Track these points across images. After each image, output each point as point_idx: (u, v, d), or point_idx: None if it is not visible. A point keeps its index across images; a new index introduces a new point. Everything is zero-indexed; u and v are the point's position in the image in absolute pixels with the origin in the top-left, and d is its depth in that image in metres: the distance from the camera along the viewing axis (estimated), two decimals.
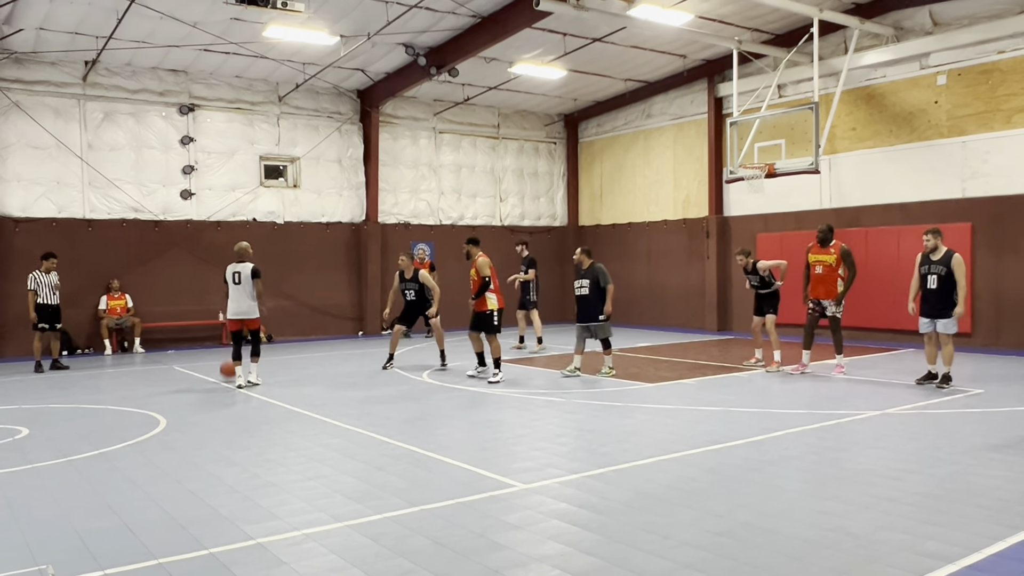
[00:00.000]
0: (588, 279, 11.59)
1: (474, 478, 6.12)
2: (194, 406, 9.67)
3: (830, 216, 16.67)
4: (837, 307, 11.28)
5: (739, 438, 7.37)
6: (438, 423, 8.47)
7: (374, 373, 12.49)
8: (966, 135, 14.58)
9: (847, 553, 4.42)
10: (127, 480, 6.22)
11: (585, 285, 11.60)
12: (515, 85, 19.40)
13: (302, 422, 8.52)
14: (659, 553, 4.46)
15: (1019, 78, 13.87)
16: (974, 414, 8.40)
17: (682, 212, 19.97)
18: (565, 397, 9.83)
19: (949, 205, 14.82)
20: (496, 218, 21.81)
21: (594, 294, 11.53)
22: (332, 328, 19.18)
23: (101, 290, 16.27)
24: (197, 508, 5.45)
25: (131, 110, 16.72)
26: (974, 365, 12.31)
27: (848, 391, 10.08)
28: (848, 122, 16.35)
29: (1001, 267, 14.08)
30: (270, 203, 18.40)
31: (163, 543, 4.73)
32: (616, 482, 5.95)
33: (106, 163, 16.44)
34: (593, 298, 11.53)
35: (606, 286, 11.52)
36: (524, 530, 4.89)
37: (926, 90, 15.14)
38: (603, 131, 22.14)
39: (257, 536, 4.83)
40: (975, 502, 5.30)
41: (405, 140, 20.24)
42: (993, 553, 4.38)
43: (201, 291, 17.42)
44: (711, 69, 18.59)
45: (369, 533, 4.87)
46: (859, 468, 6.24)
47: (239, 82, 17.85)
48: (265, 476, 6.28)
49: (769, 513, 5.15)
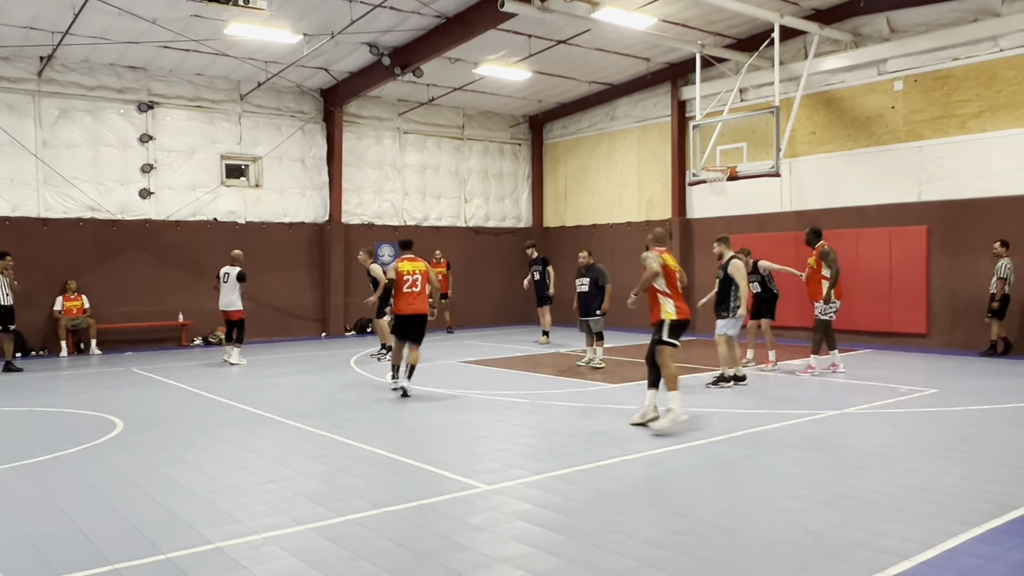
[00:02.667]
0: (588, 277, 12.81)
1: (437, 480, 6.09)
2: (152, 409, 9.50)
3: (790, 219, 16.92)
4: (823, 308, 11.35)
5: (701, 438, 7.43)
6: (401, 425, 8.42)
7: (337, 374, 12.38)
8: (922, 140, 14.89)
9: (806, 550, 4.48)
10: (82, 484, 6.09)
11: (586, 283, 12.81)
12: (480, 86, 19.39)
13: (263, 424, 8.41)
14: (621, 552, 4.47)
15: (972, 85, 14.20)
16: (929, 413, 8.57)
17: (646, 214, 20.11)
18: (529, 398, 9.84)
19: (905, 208, 15.12)
20: (461, 219, 21.77)
21: (593, 291, 12.70)
22: (295, 329, 18.99)
23: (57, 290, 15.93)
24: (154, 512, 5.35)
25: (88, 107, 16.40)
26: (929, 365, 12.56)
27: (807, 391, 10.23)
28: (808, 126, 16.61)
29: (955, 269, 14.39)
30: (231, 203, 18.16)
31: (119, 548, 4.63)
32: (579, 482, 5.96)
33: (62, 161, 16.10)
34: (591, 295, 12.69)
35: (605, 285, 12.67)
36: (487, 531, 4.88)
37: (883, 96, 15.43)
38: (568, 133, 22.22)
39: (216, 540, 4.76)
40: (930, 499, 5.41)
41: (369, 140, 20.12)
42: (947, 549, 4.47)
43: (160, 292, 17.14)
44: (674, 72, 18.76)
45: (330, 536, 4.82)
46: (818, 466, 6.33)
47: (200, 80, 17.60)
48: (225, 479, 6.19)
49: (729, 511, 5.20)
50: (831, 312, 11.39)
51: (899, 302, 15.10)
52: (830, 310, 11.37)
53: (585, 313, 12.81)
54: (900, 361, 13.04)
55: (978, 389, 10.10)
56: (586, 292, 12.78)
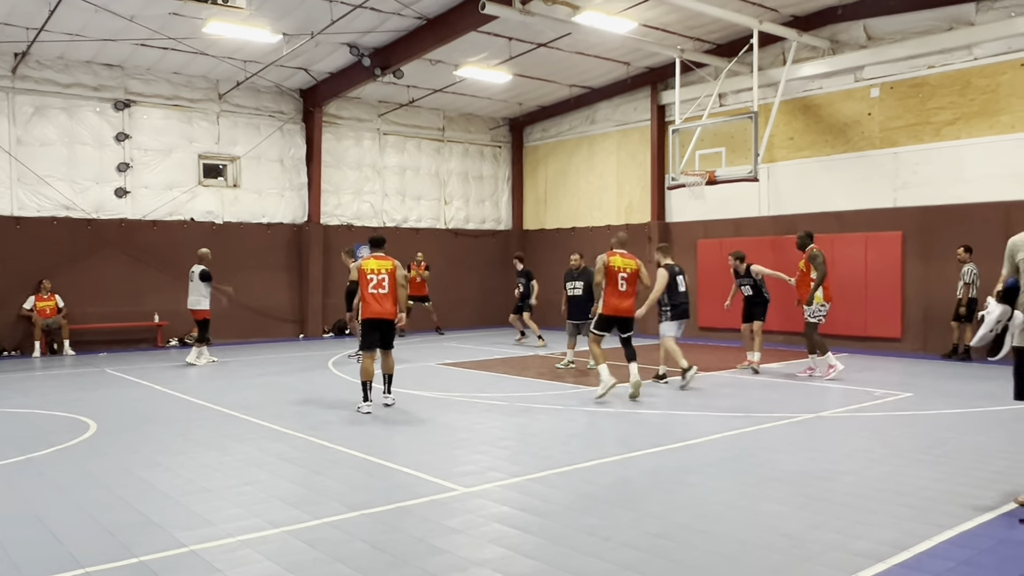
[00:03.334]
0: (582, 281, 12.88)
1: (414, 482, 6.07)
2: (126, 410, 9.40)
3: (768, 223, 17.05)
4: (811, 310, 11.43)
5: (678, 440, 7.46)
6: (379, 427, 8.37)
7: (315, 376, 12.31)
8: (898, 147, 15.07)
9: (781, 553, 4.51)
10: (54, 486, 6.01)
11: (579, 287, 12.94)
12: (461, 88, 19.38)
13: (239, 426, 8.34)
14: (599, 555, 4.48)
15: (947, 92, 14.39)
16: (904, 417, 8.66)
17: (625, 217, 20.18)
18: (508, 401, 9.83)
19: (881, 214, 15.29)
20: (441, 221, 21.73)
21: (586, 295, 12.64)
22: (272, 331, 18.86)
23: (30, 290, 15.71)
24: (127, 515, 5.29)
25: (63, 105, 16.20)
26: (904, 369, 12.70)
27: (783, 394, 10.30)
28: (786, 132, 16.75)
29: (929, 274, 14.56)
30: (209, 203, 18.01)
31: (91, 551, 4.57)
32: (557, 485, 5.96)
33: (36, 159, 15.89)
34: (584, 298, 12.66)
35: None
36: (464, 534, 4.87)
37: (860, 102, 15.59)
38: (548, 136, 22.26)
39: (190, 543, 4.70)
40: (904, 502, 5.46)
41: (349, 141, 20.04)
42: (921, 552, 4.51)
43: (135, 292, 16.97)
44: (654, 77, 18.85)
45: (306, 539, 4.79)
46: (794, 469, 6.37)
47: (178, 78, 17.45)
48: (199, 481, 6.12)
49: (706, 514, 5.22)
50: (820, 315, 11.45)
51: (874, 307, 15.26)
52: (819, 313, 11.43)
53: (579, 316, 12.84)
54: (875, 365, 13.17)
55: (952, 393, 10.22)
56: (579, 296, 12.88)
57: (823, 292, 11.37)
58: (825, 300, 11.43)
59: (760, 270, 12.23)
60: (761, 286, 12.27)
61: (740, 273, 12.40)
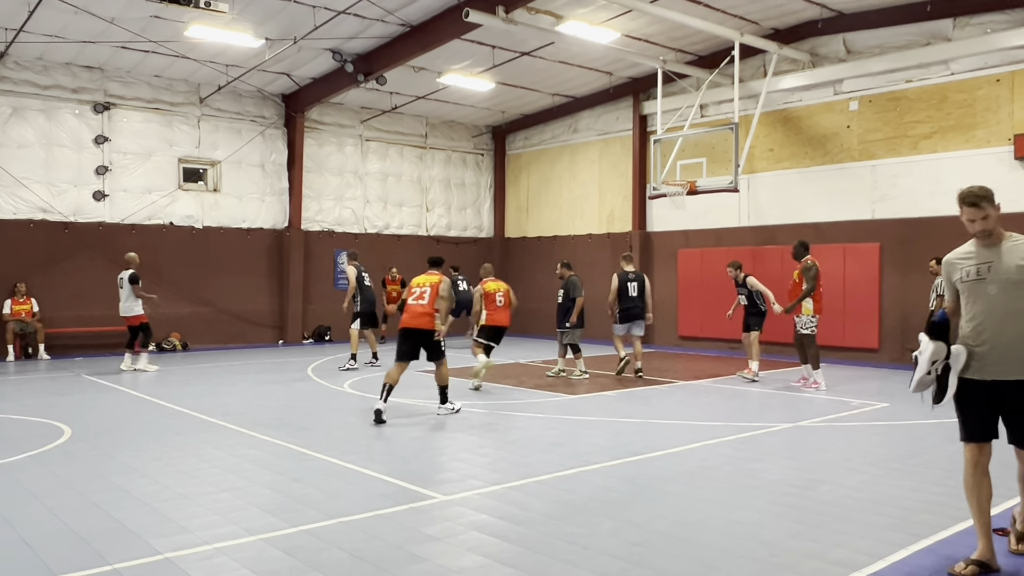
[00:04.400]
0: (563, 289, 13.08)
1: (394, 490, 6.03)
2: (102, 415, 9.29)
3: (748, 234, 17.17)
4: (804, 322, 11.44)
5: (658, 449, 7.48)
6: (359, 434, 8.33)
7: (294, 383, 12.23)
8: (876, 159, 15.24)
9: (759, 561, 4.52)
10: (26, 493, 5.92)
11: (560, 295, 13.13)
12: (444, 95, 19.39)
13: (216, 432, 8.27)
14: (578, 564, 4.47)
15: (924, 106, 14.58)
16: (880, 427, 8.73)
17: (607, 226, 20.25)
18: (488, 408, 9.81)
19: (859, 226, 15.44)
20: (422, 228, 21.70)
21: (566, 303, 12.89)
22: (252, 336, 18.71)
23: (5, 293, 15.51)
24: (102, 522, 5.22)
25: (42, 106, 16.03)
26: (881, 380, 12.81)
27: (763, 404, 10.36)
28: (766, 143, 16.89)
29: (907, 285, 14.71)
30: (189, 207, 17.88)
31: (63, 559, 4.51)
32: (537, 493, 5.96)
33: (13, 160, 15.70)
34: (564, 307, 12.92)
35: (575, 297, 12.77)
36: (443, 542, 4.85)
37: (839, 115, 15.76)
38: (530, 144, 22.31)
39: (165, 551, 4.65)
40: (881, 511, 5.50)
41: (331, 147, 19.98)
42: (896, 560, 4.54)
43: (113, 296, 16.63)
44: (636, 87, 18.96)
45: (283, 546, 4.75)
46: (772, 478, 6.40)
47: (158, 82, 17.33)
48: (175, 488, 6.06)
49: (685, 523, 5.23)
50: (811, 326, 11.44)
51: (852, 317, 15.39)
52: (811, 324, 11.43)
53: (559, 324, 13.08)
54: (853, 375, 13.28)
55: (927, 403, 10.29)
56: (560, 304, 13.05)
57: (813, 304, 11.38)
58: (815, 312, 11.43)
59: (755, 284, 12.43)
60: (756, 297, 12.40)
61: (738, 283, 12.56)
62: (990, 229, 4.37)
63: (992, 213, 4.37)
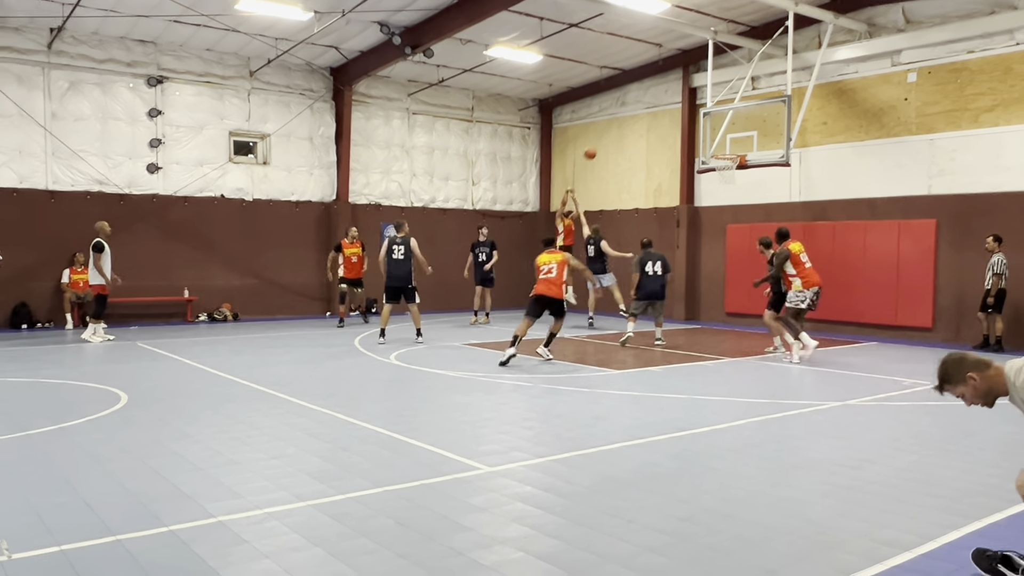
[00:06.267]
0: (660, 260, 14.20)
1: (439, 460, 6.11)
2: (156, 383, 9.54)
3: (798, 209, 16.85)
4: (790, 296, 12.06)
5: (703, 426, 7.44)
6: (405, 405, 8.43)
7: (341, 354, 12.41)
8: (934, 133, 14.79)
9: (806, 539, 4.49)
10: (86, 456, 6.13)
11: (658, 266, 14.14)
12: (490, 68, 19.29)
13: (267, 401, 8.44)
14: (622, 537, 4.48)
15: (987, 78, 14.08)
16: (932, 407, 8.56)
17: (654, 201, 20.05)
18: (532, 382, 9.85)
19: (915, 202, 15.04)
20: (468, 202, 21.73)
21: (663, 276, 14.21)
22: (299, 308, 19.01)
23: (64, 263, 15.97)
24: (157, 485, 5.38)
25: (97, 80, 16.36)
26: (934, 360, 12.45)
27: (810, 382, 10.22)
28: (819, 116, 16.50)
29: (963, 264, 14.32)
30: (239, 180, 18.15)
31: (122, 520, 4.66)
32: (581, 466, 5.98)
33: (70, 134, 16.08)
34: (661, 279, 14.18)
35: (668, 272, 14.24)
36: (488, 512, 4.90)
37: (896, 87, 15.31)
38: (577, 117, 22.12)
39: (218, 514, 4.78)
40: (931, 492, 5.41)
41: (378, 120, 20.06)
42: (947, 542, 4.47)
43: (166, 267, 17.18)
44: (686, 59, 18.63)
45: (332, 513, 4.84)
46: (819, 457, 6.33)
47: (209, 55, 17.54)
48: (228, 454, 6.21)
49: (731, 499, 5.21)
50: (796, 301, 11.97)
51: (906, 295, 15.05)
52: (796, 299, 11.94)
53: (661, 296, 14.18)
54: (905, 355, 13.02)
55: None
56: (655, 275, 14.06)
57: (801, 281, 11.93)
58: (804, 288, 11.94)
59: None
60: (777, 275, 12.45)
61: (769, 261, 12.75)
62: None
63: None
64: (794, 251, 12.08)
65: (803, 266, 12.03)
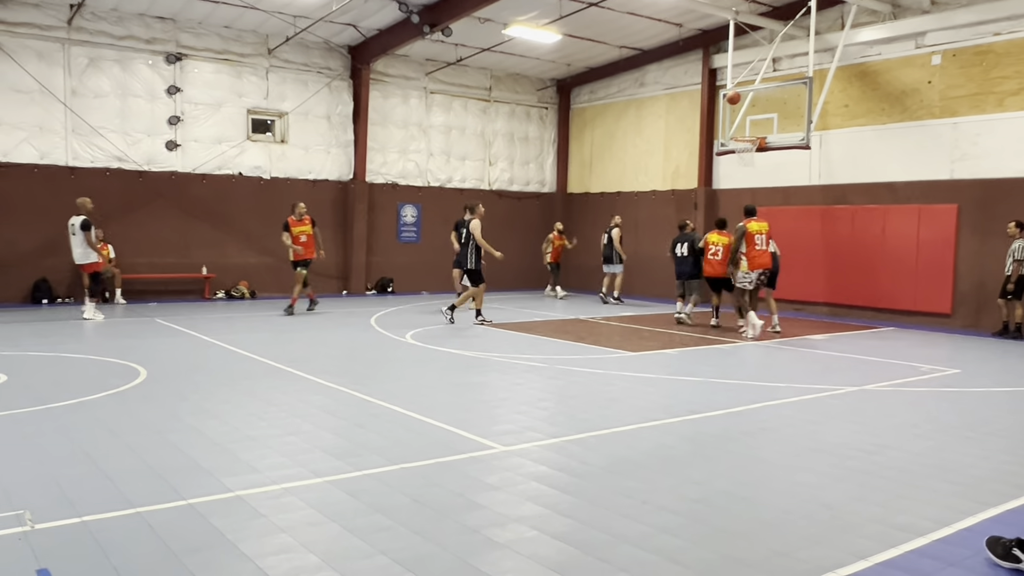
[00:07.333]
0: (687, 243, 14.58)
1: (454, 439, 6.14)
2: (175, 358, 9.63)
3: (817, 193, 16.71)
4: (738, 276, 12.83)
5: (718, 408, 7.43)
6: (420, 383, 8.47)
7: (358, 332, 12.46)
8: (958, 116, 14.59)
9: (821, 523, 4.49)
10: (106, 429, 6.20)
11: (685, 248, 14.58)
12: (509, 48, 19.19)
13: (284, 378, 8.51)
14: (636, 517, 4.50)
15: (1013, 61, 13.85)
16: (950, 393, 8.51)
17: (671, 183, 19.94)
18: (548, 363, 9.86)
19: (936, 186, 14.87)
20: (485, 182, 21.69)
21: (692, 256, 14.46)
22: (316, 286, 18.93)
23: None
24: (176, 459, 5.45)
25: (117, 57, 16.41)
26: (953, 346, 12.45)
27: (827, 367, 10.18)
28: (841, 99, 16.31)
29: (985, 250, 14.17)
30: (257, 158, 18.19)
31: (142, 492, 4.72)
32: (595, 447, 5.99)
33: (90, 110, 16.16)
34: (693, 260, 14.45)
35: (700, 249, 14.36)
36: (503, 491, 4.93)
37: (920, 70, 15.10)
38: (596, 98, 21.98)
39: (236, 488, 4.84)
40: (948, 478, 5.38)
41: (395, 99, 20.02)
42: (963, 528, 4.45)
43: (185, 244, 17.29)
44: (706, 39, 18.45)
45: (348, 489, 4.89)
46: (835, 441, 6.31)
47: (228, 32, 17.54)
48: (245, 430, 6.27)
49: (746, 482, 5.21)
50: (744, 282, 12.67)
51: (925, 281, 14.92)
52: (744, 280, 12.65)
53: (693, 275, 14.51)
54: (923, 340, 12.93)
55: (1001, 371, 10.00)
56: (686, 256, 14.40)
57: (747, 262, 12.50)
58: (750, 269, 12.54)
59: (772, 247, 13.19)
60: (773, 253, 12.96)
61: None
62: None
63: None
64: (751, 230, 12.54)
65: (754, 247, 12.50)
